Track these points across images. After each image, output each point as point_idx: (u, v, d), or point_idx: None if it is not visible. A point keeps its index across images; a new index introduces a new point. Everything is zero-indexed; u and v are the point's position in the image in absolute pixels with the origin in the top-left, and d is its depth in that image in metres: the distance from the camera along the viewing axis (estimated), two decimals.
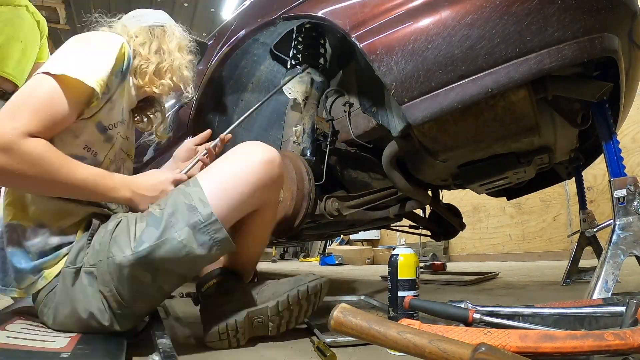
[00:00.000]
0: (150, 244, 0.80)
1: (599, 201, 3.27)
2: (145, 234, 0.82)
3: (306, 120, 1.31)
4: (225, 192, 0.87)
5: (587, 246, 1.90)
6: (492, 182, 1.42)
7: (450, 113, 0.93)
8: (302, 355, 0.88)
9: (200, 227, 0.82)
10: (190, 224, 0.82)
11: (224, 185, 0.87)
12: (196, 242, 0.82)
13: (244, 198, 0.89)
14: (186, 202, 0.84)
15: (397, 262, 0.99)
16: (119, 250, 0.81)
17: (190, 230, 0.82)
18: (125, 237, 0.82)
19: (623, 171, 1.09)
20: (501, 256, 4.09)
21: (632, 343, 0.53)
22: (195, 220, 0.82)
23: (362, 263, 5.00)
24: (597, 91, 1.03)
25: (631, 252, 1.01)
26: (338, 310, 0.58)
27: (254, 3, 1.52)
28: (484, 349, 0.47)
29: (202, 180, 0.88)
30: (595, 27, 0.88)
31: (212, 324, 0.92)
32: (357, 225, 1.96)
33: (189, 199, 0.84)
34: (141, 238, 0.81)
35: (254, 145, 0.94)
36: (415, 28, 0.93)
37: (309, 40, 1.37)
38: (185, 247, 0.81)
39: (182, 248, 0.81)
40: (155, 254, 0.80)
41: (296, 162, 1.17)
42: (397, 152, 1.19)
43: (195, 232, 0.82)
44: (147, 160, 1.89)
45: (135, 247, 0.80)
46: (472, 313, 0.81)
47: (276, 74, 1.60)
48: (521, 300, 1.56)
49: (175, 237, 0.81)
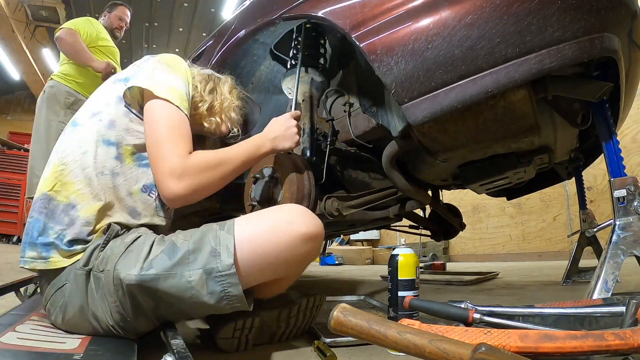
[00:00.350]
0: (157, 272, 0.78)
1: (599, 201, 3.27)
2: (157, 261, 0.79)
3: (306, 120, 1.31)
4: (255, 253, 0.83)
5: (587, 246, 1.90)
6: (492, 182, 1.42)
7: (450, 113, 0.93)
8: (302, 355, 0.88)
9: (216, 275, 0.79)
10: (206, 268, 0.79)
11: (256, 244, 0.84)
12: (206, 289, 0.78)
13: (272, 266, 0.86)
14: (212, 245, 0.81)
15: (397, 262, 0.99)
16: (126, 266, 0.79)
17: (205, 274, 0.79)
18: (136, 255, 0.80)
19: (623, 171, 1.09)
20: (501, 256, 4.09)
21: (632, 343, 0.53)
22: (213, 267, 0.79)
23: (362, 263, 5.00)
24: (597, 91, 1.03)
25: (631, 252, 1.01)
26: (338, 310, 0.58)
27: (254, 3, 1.52)
28: (484, 349, 0.47)
29: (238, 229, 0.84)
30: (595, 27, 0.88)
31: (225, 322, 0.91)
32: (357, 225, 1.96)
33: (216, 242, 0.81)
34: (151, 263, 0.79)
35: (301, 213, 0.89)
36: (415, 28, 0.93)
37: (309, 40, 1.37)
38: (192, 290, 0.78)
39: (189, 289, 0.78)
40: (158, 284, 0.78)
41: (296, 162, 1.17)
42: (397, 152, 1.19)
43: (208, 278, 0.79)
44: None
45: (142, 270, 0.78)
46: (472, 313, 0.81)
47: (276, 74, 1.60)
48: (521, 300, 1.56)
49: (186, 275, 0.78)
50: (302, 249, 0.86)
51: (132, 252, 0.81)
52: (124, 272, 0.78)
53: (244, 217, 0.90)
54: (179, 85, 0.96)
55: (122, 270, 0.79)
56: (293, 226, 0.85)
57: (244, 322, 0.90)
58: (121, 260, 0.80)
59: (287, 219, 0.87)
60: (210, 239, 0.82)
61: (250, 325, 0.91)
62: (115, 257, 0.81)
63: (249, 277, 0.83)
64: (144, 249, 0.81)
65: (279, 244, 0.84)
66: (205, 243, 0.81)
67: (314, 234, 0.87)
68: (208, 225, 0.86)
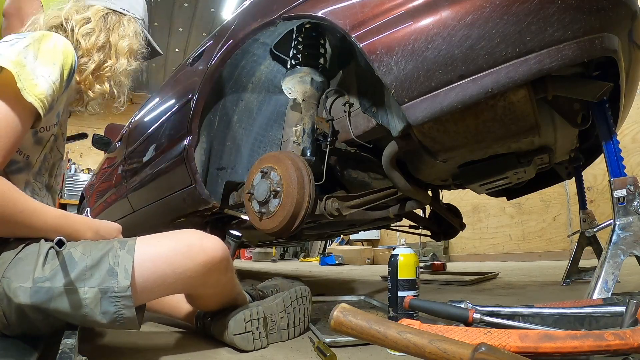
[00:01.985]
0: (52, 287, 0.73)
1: (599, 201, 3.27)
2: (54, 274, 0.73)
3: (306, 120, 1.31)
4: (154, 275, 0.80)
5: (587, 246, 1.90)
6: (492, 182, 1.42)
7: (450, 113, 0.93)
8: (302, 355, 0.88)
9: (110, 295, 0.75)
10: (102, 287, 0.75)
11: (156, 266, 0.81)
12: (99, 308, 0.75)
13: (170, 288, 0.85)
14: (110, 264, 0.77)
15: (397, 262, 0.99)
16: (18, 276, 0.72)
17: (100, 293, 0.75)
18: (29, 265, 0.73)
19: (623, 171, 1.09)
20: (501, 256, 4.09)
21: (632, 343, 0.53)
22: (109, 286, 0.75)
23: (362, 263, 5.00)
24: (597, 91, 1.03)
25: (631, 252, 1.01)
26: (338, 310, 0.58)
27: (254, 3, 1.52)
28: (484, 349, 0.47)
29: (138, 250, 0.80)
30: (595, 27, 0.88)
31: (232, 316, 0.91)
32: (357, 225, 1.96)
33: (114, 262, 0.77)
34: (46, 274, 0.73)
35: (200, 238, 0.86)
36: (415, 28, 0.93)
37: (309, 40, 1.37)
38: (85, 308, 0.74)
39: (82, 307, 0.74)
40: (51, 304, 0.73)
41: (296, 162, 1.17)
42: (397, 152, 1.19)
43: (103, 297, 0.75)
44: (146, 161, 1.89)
45: (36, 281, 0.72)
46: (472, 313, 0.81)
47: (276, 74, 1.60)
48: (521, 300, 1.56)
49: (80, 292, 0.74)
50: (202, 272, 0.84)
51: (24, 260, 0.74)
52: (15, 283, 0.72)
53: (145, 237, 0.85)
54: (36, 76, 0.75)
55: (13, 281, 0.72)
56: (192, 250, 0.83)
57: (250, 312, 0.91)
58: (11, 268, 0.73)
59: (186, 243, 0.84)
60: (110, 257, 0.78)
61: (257, 316, 0.92)
62: (4, 264, 0.74)
63: (144, 296, 0.81)
64: (39, 259, 0.74)
65: (177, 267, 0.82)
66: (103, 260, 0.77)
67: (212, 259, 0.85)
68: (109, 242, 0.81)
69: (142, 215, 2.09)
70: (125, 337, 1.06)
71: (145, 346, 1.00)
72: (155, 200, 1.87)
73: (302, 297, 1.06)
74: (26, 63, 0.74)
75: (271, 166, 1.22)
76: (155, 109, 2.05)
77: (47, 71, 0.76)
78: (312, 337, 1.00)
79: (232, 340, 0.91)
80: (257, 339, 0.92)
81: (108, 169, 2.73)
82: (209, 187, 1.55)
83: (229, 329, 0.91)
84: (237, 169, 1.65)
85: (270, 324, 0.98)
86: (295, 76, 1.31)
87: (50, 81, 0.76)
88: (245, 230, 1.70)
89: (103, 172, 2.90)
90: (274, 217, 1.18)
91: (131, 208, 2.17)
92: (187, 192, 1.57)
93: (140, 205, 2.06)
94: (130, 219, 2.23)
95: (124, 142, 2.42)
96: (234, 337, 0.91)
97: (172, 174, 1.65)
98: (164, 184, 1.74)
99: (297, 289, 1.06)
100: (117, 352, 0.95)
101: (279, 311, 0.99)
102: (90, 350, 0.91)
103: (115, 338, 1.05)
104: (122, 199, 2.26)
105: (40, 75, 0.75)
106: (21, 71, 0.72)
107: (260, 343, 0.93)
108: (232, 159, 1.64)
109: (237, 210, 1.58)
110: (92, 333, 1.06)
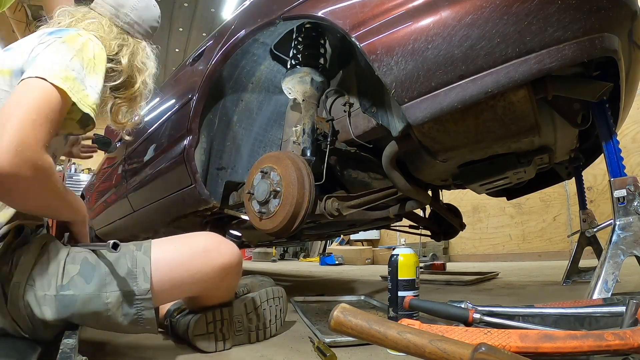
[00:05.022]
0: (75, 294, 0.75)
1: (599, 201, 3.27)
2: (75, 282, 0.76)
3: (306, 120, 1.31)
4: (170, 278, 0.83)
5: (587, 246, 1.90)
6: (492, 182, 1.42)
7: (450, 113, 0.93)
8: (302, 355, 0.88)
9: (132, 299, 0.78)
10: (124, 290, 0.78)
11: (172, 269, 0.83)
12: (121, 311, 0.78)
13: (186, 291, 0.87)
14: (129, 266, 0.80)
15: (397, 262, 0.99)
16: (42, 284, 0.74)
17: (121, 297, 0.78)
18: (52, 272, 0.76)
19: (623, 171, 1.08)
20: (501, 256, 4.09)
21: (632, 343, 0.53)
22: (130, 290, 0.78)
23: (362, 263, 5.00)
24: (597, 91, 1.03)
25: (631, 252, 1.01)
26: (338, 310, 0.58)
27: (254, 3, 1.52)
28: (484, 349, 0.47)
29: (155, 252, 0.83)
30: (595, 27, 0.88)
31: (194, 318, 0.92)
32: (357, 225, 1.96)
33: (133, 264, 0.80)
34: (69, 283, 0.75)
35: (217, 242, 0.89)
36: (415, 28, 0.93)
37: (309, 40, 1.37)
38: (109, 312, 0.77)
39: (105, 311, 0.77)
40: (75, 311, 0.75)
41: (296, 162, 1.17)
42: (397, 152, 1.19)
43: (124, 300, 0.78)
44: (146, 161, 1.89)
45: (59, 289, 0.74)
46: (472, 313, 0.81)
47: (276, 74, 1.60)
48: (521, 300, 1.56)
49: (103, 297, 0.77)
50: (217, 276, 0.87)
51: (45, 265, 0.76)
52: (40, 292, 0.74)
53: (160, 240, 0.87)
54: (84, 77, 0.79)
55: (38, 288, 0.74)
56: (209, 255, 0.86)
57: (213, 314, 0.91)
58: (34, 274, 0.74)
59: (203, 247, 0.87)
60: (127, 259, 0.80)
61: (220, 317, 0.92)
62: (26, 268, 0.74)
63: (161, 298, 0.83)
64: (60, 264, 0.77)
65: (194, 272, 0.85)
66: (121, 263, 0.80)
67: (229, 264, 0.88)
68: (124, 245, 0.82)
69: (142, 215, 2.09)
70: (124, 337, 1.06)
71: (145, 346, 1.00)
72: (155, 200, 1.87)
73: (274, 298, 1.06)
74: (75, 76, 0.77)
75: (271, 166, 1.22)
76: (155, 109, 2.05)
77: (94, 81, 0.81)
78: (312, 337, 1.00)
79: (193, 341, 0.92)
80: (220, 341, 0.93)
81: (108, 169, 2.73)
82: (209, 187, 1.55)
83: (189, 329, 0.92)
84: (237, 169, 1.65)
85: (237, 325, 0.97)
86: (295, 76, 1.31)
87: (97, 90, 0.81)
88: (245, 230, 1.71)
89: (103, 172, 2.90)
90: (274, 217, 1.18)
91: (131, 208, 2.17)
92: (187, 192, 1.57)
93: (140, 205, 2.06)
94: (130, 219, 2.23)
95: (124, 142, 2.42)
96: (194, 338, 0.91)
97: (172, 174, 1.65)
98: (164, 184, 1.74)
99: (269, 290, 1.06)
100: (117, 352, 0.95)
101: (248, 312, 0.99)
102: (90, 350, 0.91)
103: (115, 338, 1.05)
104: (122, 199, 2.26)
105: (89, 85, 0.79)
106: (72, 85, 0.75)
107: (223, 345, 0.93)
108: (232, 159, 1.64)
109: (237, 210, 1.58)
110: (92, 333, 1.06)
